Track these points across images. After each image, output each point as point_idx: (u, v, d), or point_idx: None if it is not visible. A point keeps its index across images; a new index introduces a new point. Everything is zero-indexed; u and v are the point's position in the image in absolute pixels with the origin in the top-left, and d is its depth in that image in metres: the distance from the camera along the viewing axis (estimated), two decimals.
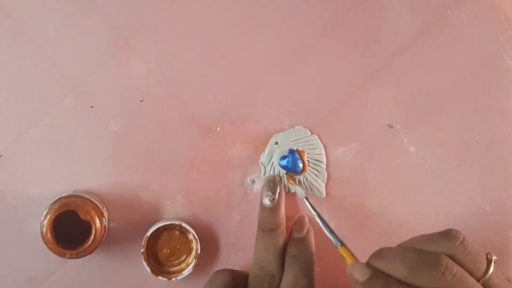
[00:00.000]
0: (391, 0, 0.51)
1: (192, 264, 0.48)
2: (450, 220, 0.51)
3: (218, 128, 0.50)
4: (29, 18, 0.48)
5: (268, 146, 0.50)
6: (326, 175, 0.51)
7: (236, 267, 0.50)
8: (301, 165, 0.50)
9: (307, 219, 0.50)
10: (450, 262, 0.40)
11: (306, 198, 0.49)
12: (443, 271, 0.39)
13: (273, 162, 0.50)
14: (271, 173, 0.50)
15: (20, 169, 0.48)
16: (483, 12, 0.51)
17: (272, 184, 0.49)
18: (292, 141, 0.50)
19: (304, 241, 0.48)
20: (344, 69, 0.51)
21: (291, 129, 0.51)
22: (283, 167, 0.50)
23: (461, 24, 0.51)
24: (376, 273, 0.41)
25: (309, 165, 0.50)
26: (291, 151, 0.50)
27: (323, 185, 0.50)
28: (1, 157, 0.48)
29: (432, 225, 0.45)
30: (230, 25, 0.50)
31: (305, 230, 0.49)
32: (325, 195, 0.50)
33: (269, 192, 0.49)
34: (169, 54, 0.49)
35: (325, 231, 0.46)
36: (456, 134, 0.51)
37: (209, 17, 0.50)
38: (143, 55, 0.49)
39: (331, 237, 0.45)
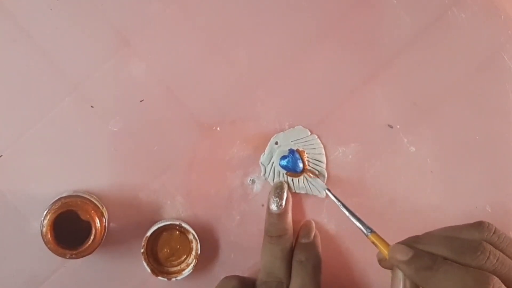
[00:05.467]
0: (391, 0, 0.51)
1: (192, 264, 0.48)
2: (450, 220, 0.51)
3: (218, 128, 0.50)
4: (29, 18, 0.48)
5: (268, 146, 0.50)
6: (326, 175, 0.51)
7: (236, 267, 0.50)
8: (301, 165, 0.50)
9: (313, 224, 0.50)
10: (492, 247, 0.41)
11: (328, 190, 0.48)
12: (488, 255, 0.40)
13: (273, 162, 0.50)
14: (271, 173, 0.50)
15: (20, 169, 0.48)
16: (483, 12, 0.51)
17: (279, 190, 0.49)
18: (292, 141, 0.50)
19: (311, 246, 0.48)
20: (344, 69, 0.51)
21: (291, 129, 0.51)
22: (283, 167, 0.50)
23: (461, 24, 0.51)
24: (419, 252, 0.41)
25: (309, 165, 0.50)
26: (291, 151, 0.50)
27: (323, 186, 0.50)
28: (1, 157, 0.48)
29: (432, 225, 0.45)
30: (230, 25, 0.50)
31: (312, 235, 0.49)
32: (325, 195, 0.50)
33: (276, 198, 0.49)
34: (169, 54, 0.49)
35: (353, 220, 0.46)
36: (456, 134, 0.51)
37: (209, 17, 0.50)
38: (143, 55, 0.49)
39: (359, 226, 0.45)
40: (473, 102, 0.51)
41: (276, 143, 0.50)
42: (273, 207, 0.48)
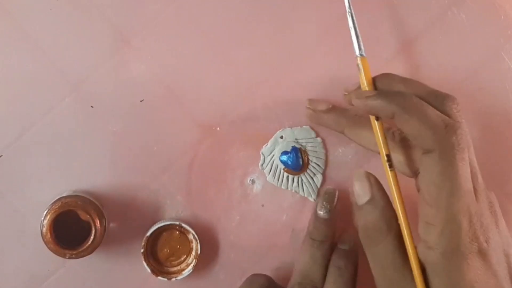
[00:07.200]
0: (391, 0, 0.51)
1: (192, 264, 0.48)
2: None
3: (218, 128, 0.50)
4: (29, 18, 0.48)
5: (272, 138, 0.50)
6: (321, 181, 0.50)
7: (236, 267, 0.50)
8: (301, 164, 0.50)
9: (354, 235, 0.49)
10: None
11: None
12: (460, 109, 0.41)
13: (273, 155, 0.50)
14: (269, 165, 0.50)
15: (20, 169, 0.48)
16: (483, 12, 0.51)
17: (329, 196, 0.49)
18: (296, 139, 0.50)
19: (350, 254, 0.47)
20: (344, 69, 0.51)
21: (299, 127, 0.50)
22: (283, 162, 0.50)
23: (461, 24, 0.51)
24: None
25: (308, 167, 0.50)
26: (294, 149, 0.50)
27: (316, 190, 0.50)
28: (1, 157, 0.48)
29: None
30: (230, 25, 0.50)
31: (352, 243, 0.48)
32: (315, 199, 0.50)
33: (326, 203, 0.48)
34: (169, 54, 0.49)
35: (352, 33, 0.44)
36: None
37: (209, 17, 0.50)
38: (143, 55, 0.49)
39: (355, 43, 0.44)
40: (473, 102, 0.51)
41: (282, 137, 0.50)
42: (322, 211, 0.48)
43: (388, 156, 0.42)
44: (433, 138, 0.39)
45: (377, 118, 0.43)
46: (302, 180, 0.50)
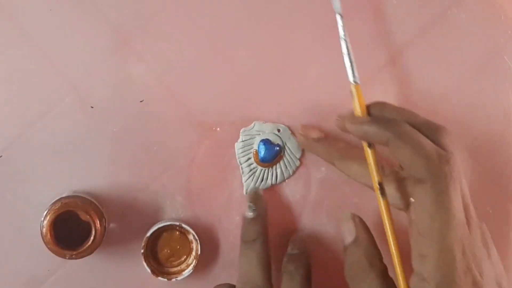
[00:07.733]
0: (391, 0, 0.51)
1: (192, 265, 0.48)
2: None
3: (218, 129, 0.50)
4: (29, 18, 0.48)
5: (274, 124, 0.50)
6: (262, 189, 0.50)
7: (236, 267, 0.50)
8: (269, 163, 0.50)
9: (303, 236, 0.50)
10: None
11: (340, 16, 0.45)
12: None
13: (260, 134, 0.50)
14: (248, 136, 0.50)
15: (20, 169, 0.48)
16: (483, 12, 0.51)
17: (254, 195, 0.49)
18: (286, 144, 0.50)
19: (300, 256, 0.47)
20: (344, 69, 0.50)
21: (296, 140, 0.50)
22: (259, 147, 0.49)
23: (461, 25, 0.51)
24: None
25: (269, 169, 0.50)
26: (278, 147, 0.50)
27: (252, 190, 0.50)
28: (1, 158, 0.48)
29: None
30: (231, 25, 0.50)
31: (301, 245, 0.48)
32: (245, 194, 0.50)
33: (251, 204, 0.48)
34: (169, 54, 0.49)
35: (346, 60, 0.44)
36: (456, 134, 0.51)
37: (209, 17, 0.50)
38: (143, 55, 0.49)
39: (349, 70, 0.44)
40: (473, 102, 0.51)
41: (279, 130, 0.50)
42: (248, 212, 0.48)
43: (380, 184, 0.42)
44: (426, 168, 0.39)
45: (370, 145, 0.43)
46: (256, 171, 0.50)
